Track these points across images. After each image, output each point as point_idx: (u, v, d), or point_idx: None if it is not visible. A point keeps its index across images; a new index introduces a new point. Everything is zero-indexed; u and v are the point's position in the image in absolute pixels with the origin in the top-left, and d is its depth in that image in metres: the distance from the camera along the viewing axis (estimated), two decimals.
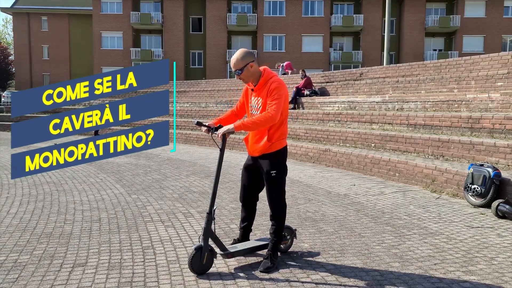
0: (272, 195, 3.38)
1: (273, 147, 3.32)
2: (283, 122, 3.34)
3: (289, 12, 41.28)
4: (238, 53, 3.30)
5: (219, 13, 40.98)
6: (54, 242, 4.02)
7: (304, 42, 41.51)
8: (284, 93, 3.26)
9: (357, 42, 42.40)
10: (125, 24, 41.18)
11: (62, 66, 50.55)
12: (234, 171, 8.32)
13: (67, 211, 5.18)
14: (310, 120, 11.31)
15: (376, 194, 6.17)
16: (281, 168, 3.37)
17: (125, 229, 4.47)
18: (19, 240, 4.08)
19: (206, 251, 3.19)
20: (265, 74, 3.31)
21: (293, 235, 3.70)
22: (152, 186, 6.75)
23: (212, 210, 3.24)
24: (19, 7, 50.90)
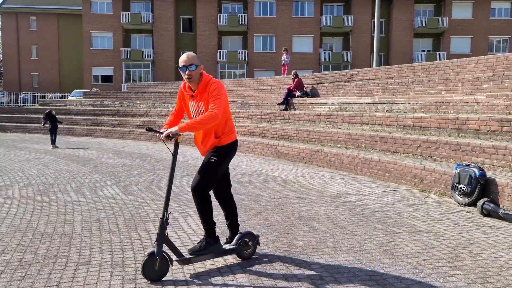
0: (198, 176, 3.39)
1: (222, 141, 3.45)
2: (227, 120, 3.47)
3: (279, 12, 41.49)
4: (192, 53, 3.39)
5: (209, 13, 41.04)
6: (57, 242, 4.13)
7: (295, 42, 41.73)
8: (225, 94, 3.37)
9: (347, 42, 42.75)
10: (115, 24, 41.04)
11: (51, 66, 50.16)
12: None
13: (66, 212, 5.29)
14: (302, 121, 11.50)
15: (366, 193, 6.37)
16: (223, 159, 3.43)
17: (125, 228, 4.59)
18: (21, 240, 4.19)
19: (159, 257, 3.15)
20: (203, 78, 3.38)
21: (255, 242, 3.66)
22: (148, 187, 6.87)
23: (166, 215, 3.22)
24: (7, 6, 50.39)
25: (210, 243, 3.48)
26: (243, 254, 3.62)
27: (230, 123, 3.52)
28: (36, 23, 50.00)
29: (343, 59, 41.43)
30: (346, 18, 40.96)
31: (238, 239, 3.58)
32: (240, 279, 3.26)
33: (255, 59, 41.66)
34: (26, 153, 11.51)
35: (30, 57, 50.36)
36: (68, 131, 17.38)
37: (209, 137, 3.43)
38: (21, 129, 18.58)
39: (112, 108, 18.69)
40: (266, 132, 11.78)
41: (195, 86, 3.40)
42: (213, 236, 3.51)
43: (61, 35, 50.02)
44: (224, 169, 3.51)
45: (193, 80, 3.35)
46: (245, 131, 12.52)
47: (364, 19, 41.35)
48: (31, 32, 50.05)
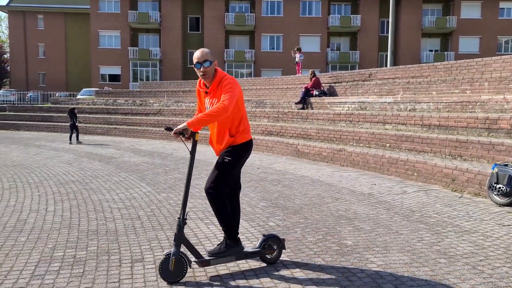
0: (212, 177, 3.31)
1: (237, 140, 3.36)
2: (242, 118, 3.38)
3: (286, 12, 41.45)
4: (206, 49, 3.33)
5: (217, 12, 41.03)
6: (104, 239, 4.13)
7: (302, 42, 41.61)
8: (238, 89, 3.28)
9: (354, 42, 42.67)
10: (123, 23, 41.08)
11: (58, 65, 50.26)
12: (251, 169, 8.45)
13: (103, 210, 5.28)
14: (321, 120, 11.47)
15: (399, 193, 6.34)
16: (237, 159, 3.34)
17: (167, 226, 4.58)
18: (69, 237, 4.19)
19: (175, 257, 3.09)
20: (217, 75, 3.32)
21: (280, 246, 3.50)
22: (177, 185, 6.86)
23: (184, 215, 3.16)
24: (14, 5, 50.54)
25: (230, 245, 3.36)
26: (266, 258, 3.47)
27: (245, 122, 3.43)
28: (43, 22, 50.10)
29: (350, 58, 41.36)
30: (353, 18, 40.89)
31: (262, 242, 3.44)
32: (299, 276, 3.24)
33: (262, 59, 41.63)
34: (45, 151, 11.53)
35: (37, 56, 50.48)
36: (81, 129, 17.38)
37: (224, 136, 3.36)
38: (34, 127, 18.61)
39: (125, 106, 18.70)
40: (285, 131, 11.76)
41: (209, 82, 3.34)
42: (233, 238, 3.38)
43: (68, 34, 50.10)
44: (239, 169, 3.43)
45: (208, 76, 3.29)
46: (262, 130, 12.50)
47: (371, 19, 41.26)
48: (39, 31, 50.15)
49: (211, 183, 3.29)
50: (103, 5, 41.58)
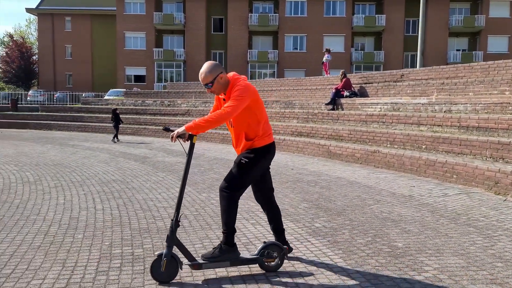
0: (228, 177, 3.29)
1: (255, 144, 3.30)
2: (260, 122, 3.30)
3: (310, 12, 41.34)
4: (205, 66, 3.23)
5: (240, 13, 41.21)
6: (157, 237, 4.23)
7: (326, 42, 41.44)
8: (249, 96, 3.18)
9: (379, 42, 42.25)
10: (148, 25, 41.66)
11: (84, 66, 51.31)
12: (285, 170, 8.48)
13: (150, 208, 5.40)
14: (352, 121, 11.42)
15: (440, 195, 6.28)
16: (255, 162, 3.28)
17: (215, 226, 4.66)
18: (123, 235, 4.30)
19: (166, 259, 3.07)
20: (231, 82, 3.27)
21: (282, 255, 3.36)
22: (215, 185, 6.94)
23: (177, 216, 3.14)
24: (43, 7, 51.83)
25: (224, 250, 3.27)
26: (266, 266, 3.34)
27: (265, 126, 3.36)
28: (70, 24, 51.23)
29: (375, 58, 40.97)
30: (378, 18, 40.50)
31: (261, 249, 3.32)
32: (356, 276, 3.26)
33: (286, 59, 41.62)
34: (80, 150, 11.81)
35: (64, 57, 51.65)
36: (111, 129, 17.74)
37: (240, 140, 3.33)
38: (65, 127, 19.07)
39: (153, 107, 18.98)
40: (315, 132, 11.76)
41: (224, 92, 3.32)
42: (229, 243, 3.29)
43: (94, 35, 51.09)
44: (258, 172, 3.35)
45: (218, 92, 3.29)
46: (292, 131, 12.52)
47: (397, 18, 40.77)
48: (66, 33, 51.31)
49: (226, 183, 3.28)
50: (128, 6, 42.25)
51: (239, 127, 3.32)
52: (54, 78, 51.22)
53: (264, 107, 3.42)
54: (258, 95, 3.32)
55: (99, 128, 18.12)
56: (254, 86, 3.33)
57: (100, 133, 17.80)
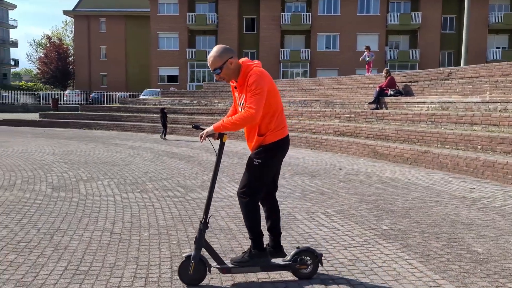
0: (243, 181, 3.12)
1: (267, 140, 3.07)
2: (274, 114, 3.06)
3: (343, 10, 40.83)
4: (215, 50, 3.01)
5: (272, 12, 41.12)
6: (222, 237, 4.16)
7: (359, 40, 40.88)
8: (266, 85, 2.95)
9: (414, 40, 41.33)
10: (181, 25, 42.14)
11: (118, 66, 52.39)
12: (333, 171, 8.31)
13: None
14: (398, 121, 11.12)
15: (505, 198, 5.98)
16: (268, 161, 3.07)
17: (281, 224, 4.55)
18: (187, 234, 4.26)
19: (194, 261, 3.00)
20: (243, 68, 3.01)
21: (317, 261, 3.18)
22: None
23: (206, 218, 3.04)
24: (80, 10, 53.21)
25: (254, 255, 3.12)
26: (299, 273, 3.17)
27: (279, 119, 3.09)
28: (105, 25, 52.40)
29: (410, 57, 40.10)
30: (414, 15, 39.62)
31: (294, 255, 3.15)
32: (442, 283, 3.09)
33: (318, 58, 41.26)
34: (124, 149, 11.96)
35: (99, 58, 52.91)
36: (149, 129, 17.98)
37: (253, 134, 3.09)
38: (105, 126, 19.43)
39: (190, 106, 19.10)
40: (359, 131, 11.51)
41: (235, 80, 3.09)
42: (258, 247, 3.14)
43: (127, 36, 52.09)
44: (273, 171, 3.16)
45: (228, 79, 3.08)
46: (334, 130, 12.30)
47: (433, 16, 39.75)
48: (101, 34, 52.54)
49: (243, 187, 3.10)
50: (162, 7, 42.83)
51: None
52: (89, 79, 52.54)
53: (279, 94, 3.12)
54: (273, 82, 3.07)
55: (138, 127, 18.37)
56: (267, 72, 3.07)
57: (139, 132, 18.04)
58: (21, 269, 3.35)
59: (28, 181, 7.04)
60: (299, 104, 15.01)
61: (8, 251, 3.76)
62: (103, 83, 52.55)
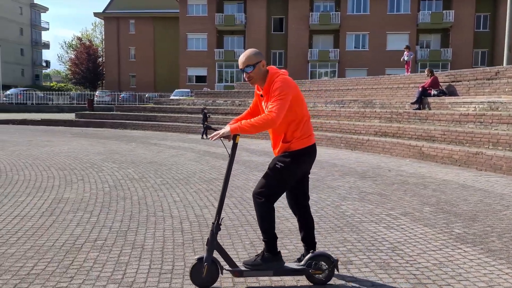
0: (262, 182, 3.06)
1: (292, 147, 3.03)
2: (300, 122, 3.02)
3: (373, 9, 40.31)
4: (249, 50, 3.03)
5: (301, 12, 40.94)
6: (293, 237, 4.12)
7: (389, 40, 40.31)
8: (291, 93, 2.92)
9: (446, 39, 40.44)
10: (210, 26, 42.40)
11: (147, 67, 53.17)
12: (382, 172, 8.16)
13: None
14: (443, 121, 10.86)
15: None
16: (291, 166, 3.01)
17: (347, 228, 4.48)
18: (258, 234, 4.23)
19: (207, 263, 2.95)
20: (269, 75, 3.00)
21: (332, 267, 3.07)
22: (320, 186, 6.77)
23: (219, 220, 3.00)
24: (110, 11, 54.20)
25: (267, 259, 3.06)
26: (313, 279, 3.09)
27: (305, 126, 3.06)
28: (134, 27, 53.25)
29: (442, 56, 39.25)
30: (446, 13, 38.78)
31: (308, 259, 3.06)
32: None
33: (347, 58, 40.85)
34: (165, 149, 12.08)
35: (128, 59, 53.81)
36: (184, 129, 18.13)
37: (278, 141, 3.09)
38: (140, 126, 19.71)
39: (224, 107, 19.17)
40: (402, 132, 11.30)
41: (261, 85, 3.06)
42: (272, 251, 3.08)
43: (156, 37, 52.79)
44: (294, 178, 3.08)
45: (255, 81, 3.03)
46: (375, 131, 12.11)
47: (466, 14, 38.80)
48: (130, 35, 53.42)
49: (260, 188, 3.05)
50: (191, 8, 43.19)
51: (279, 127, 3.02)
52: (118, 79, 53.49)
53: (305, 103, 3.09)
54: (299, 90, 3.04)
55: (173, 128, 18.55)
56: (293, 80, 3.03)
57: (174, 132, 18.22)
58: (107, 266, 3.39)
59: (83, 180, 7.17)
60: (337, 104, 14.86)
61: (89, 248, 3.82)
62: (132, 83, 53.41)
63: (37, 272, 3.29)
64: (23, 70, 65.34)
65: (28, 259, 3.57)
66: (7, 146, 12.17)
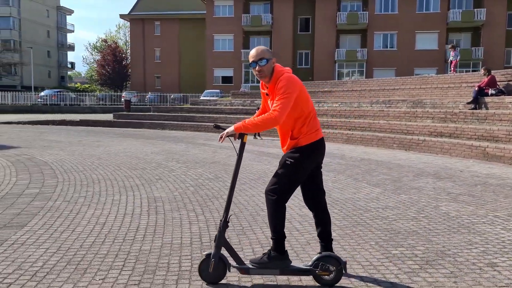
0: (274, 179, 3.07)
1: (300, 142, 3.05)
2: (306, 118, 3.06)
3: (401, 8, 39.88)
4: (262, 46, 3.10)
5: (328, 12, 40.74)
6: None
7: (418, 39, 39.85)
8: (296, 91, 2.95)
9: (476, 38, 39.74)
10: (236, 27, 42.52)
11: (172, 68, 53.63)
12: (454, 172, 8.02)
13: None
14: (505, 121, 10.64)
15: None
16: (301, 162, 3.02)
17: (465, 230, 4.41)
18: (375, 236, 4.19)
19: (214, 259, 3.01)
20: (275, 73, 3.04)
21: (340, 269, 3.03)
22: (403, 187, 6.68)
23: (227, 217, 3.03)
24: (135, 13, 54.82)
25: (274, 257, 3.07)
26: (320, 279, 3.07)
27: (312, 122, 3.09)
28: (160, 28, 53.76)
29: (473, 55, 38.57)
30: (477, 12, 38.10)
31: (315, 260, 3.05)
32: None
33: (375, 58, 40.48)
34: (217, 149, 12.12)
35: (154, 60, 54.36)
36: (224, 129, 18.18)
37: (286, 138, 3.12)
38: (178, 127, 19.84)
39: None
40: (460, 132, 11.11)
41: (267, 82, 3.09)
42: (279, 250, 3.08)
43: (181, 38, 53.19)
44: (306, 172, 3.09)
45: (265, 75, 3.05)
46: (430, 131, 11.94)
47: (498, 12, 38.09)
48: (155, 37, 53.96)
49: (272, 185, 3.06)
50: (218, 10, 43.37)
51: (286, 124, 3.07)
52: (144, 80, 54.07)
53: (310, 99, 3.14)
54: (303, 87, 3.08)
55: (213, 128, 18.63)
56: (298, 78, 3.07)
57: (214, 133, 18.28)
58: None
59: (162, 179, 7.22)
60: (383, 104, 14.71)
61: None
62: (157, 84, 53.93)
63: (187, 269, 3.31)
64: (49, 71, 66.62)
65: (167, 256, 3.60)
66: (63, 146, 12.38)
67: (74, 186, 6.63)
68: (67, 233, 4.26)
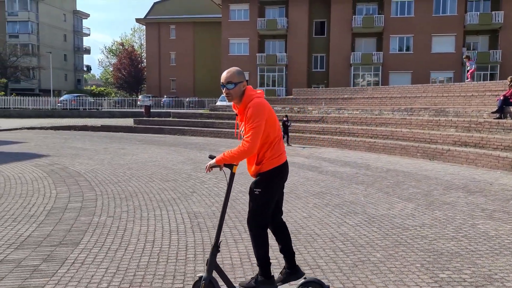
0: (249, 212, 3.21)
1: (263, 168, 3.14)
2: (272, 143, 3.12)
3: (418, 11, 39.69)
4: (234, 68, 3.17)
5: (343, 15, 40.72)
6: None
7: (434, 42, 39.60)
8: (264, 117, 3.02)
9: (494, 41, 39.36)
10: (252, 31, 42.72)
11: (187, 72, 54.00)
12: (483, 185, 8.05)
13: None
14: None
15: None
16: (267, 189, 3.13)
17: (508, 252, 4.48)
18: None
19: (205, 282, 3.09)
20: (245, 97, 3.11)
21: None
22: (436, 202, 6.75)
23: (217, 242, 3.14)
24: (151, 17, 55.35)
25: (261, 282, 3.22)
26: None
27: (276, 147, 3.14)
28: (175, 32, 54.20)
29: (490, 58, 38.22)
30: (495, 14, 37.76)
31: (300, 286, 3.21)
32: None
33: (391, 61, 40.33)
34: None
35: (169, 64, 54.80)
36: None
37: (252, 163, 3.20)
38: (198, 133, 20.05)
39: (282, 113, 19.23)
40: (486, 142, 11.10)
41: (237, 103, 3.18)
42: (265, 275, 3.22)
43: (196, 42, 53.56)
44: (274, 198, 3.19)
45: (232, 98, 3.15)
46: (454, 140, 11.95)
47: None
48: (171, 41, 54.41)
49: (248, 217, 3.23)
50: (233, 14, 43.64)
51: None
52: (159, 84, 54.54)
53: (278, 123, 3.21)
54: (272, 111, 3.15)
55: (232, 134, 18.78)
56: (267, 102, 3.16)
57: (235, 140, 18.45)
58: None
59: (197, 192, 7.39)
60: (405, 112, 14.73)
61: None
62: (172, 87, 54.38)
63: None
64: (66, 75, 67.60)
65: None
66: (91, 154, 12.67)
67: (113, 199, 6.84)
68: (121, 252, 4.44)
